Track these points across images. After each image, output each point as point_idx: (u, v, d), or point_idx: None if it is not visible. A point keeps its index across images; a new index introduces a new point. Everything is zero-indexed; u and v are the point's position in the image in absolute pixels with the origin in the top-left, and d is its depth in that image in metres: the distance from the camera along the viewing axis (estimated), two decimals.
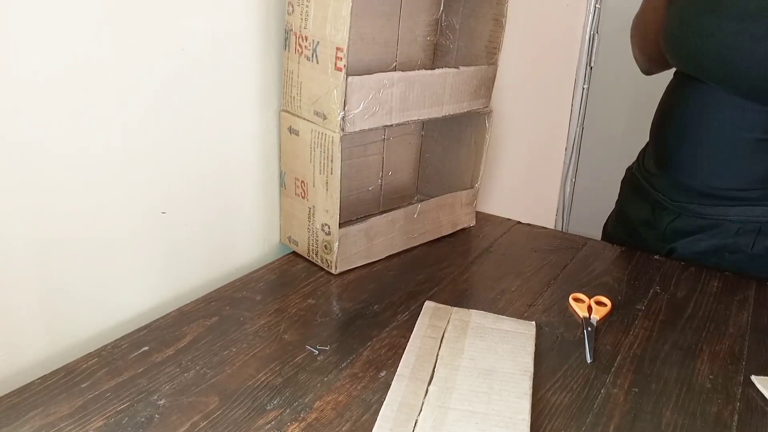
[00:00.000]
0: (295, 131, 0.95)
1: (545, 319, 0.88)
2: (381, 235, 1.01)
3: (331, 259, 0.96)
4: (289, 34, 0.91)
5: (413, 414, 0.67)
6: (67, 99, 0.72)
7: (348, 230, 0.96)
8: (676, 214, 1.07)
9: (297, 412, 0.68)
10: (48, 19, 0.68)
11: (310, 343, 0.80)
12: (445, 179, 1.19)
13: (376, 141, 1.14)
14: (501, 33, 1.03)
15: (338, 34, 0.84)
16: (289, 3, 0.90)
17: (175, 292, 0.91)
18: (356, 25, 1.00)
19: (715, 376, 0.78)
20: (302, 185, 0.97)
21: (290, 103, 0.95)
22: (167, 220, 0.87)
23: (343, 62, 0.84)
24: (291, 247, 1.04)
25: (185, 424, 0.66)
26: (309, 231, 0.98)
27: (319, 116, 0.90)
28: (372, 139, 1.13)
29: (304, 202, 0.97)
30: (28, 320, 0.75)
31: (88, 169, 0.76)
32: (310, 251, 0.99)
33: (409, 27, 1.09)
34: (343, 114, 0.87)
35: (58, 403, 0.67)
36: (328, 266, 0.97)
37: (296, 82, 0.92)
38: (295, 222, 1.01)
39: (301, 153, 0.95)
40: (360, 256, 0.99)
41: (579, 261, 1.06)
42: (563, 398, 0.73)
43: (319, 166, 0.92)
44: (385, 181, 1.19)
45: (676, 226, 1.07)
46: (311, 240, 0.99)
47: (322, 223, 0.95)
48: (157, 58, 0.80)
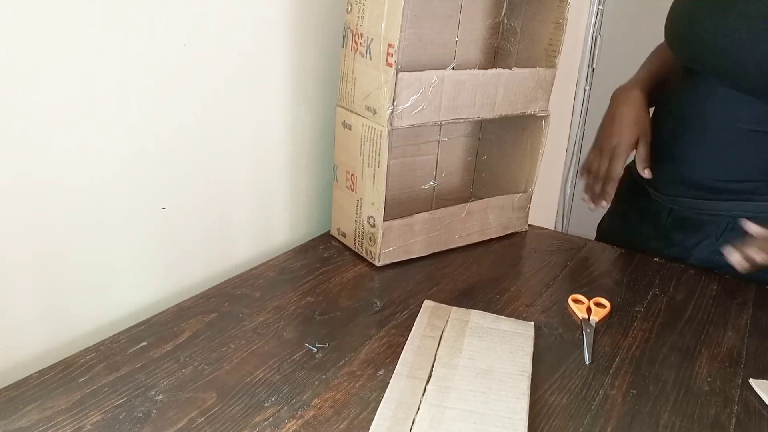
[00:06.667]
0: (348, 125, 0.98)
1: (544, 320, 0.88)
2: (426, 231, 1.02)
3: (375, 251, 0.99)
4: (347, 32, 0.95)
5: (411, 413, 0.67)
6: (68, 93, 0.72)
7: (392, 224, 0.98)
8: (669, 210, 1.07)
9: (295, 409, 0.68)
10: (54, 5, 0.68)
11: (309, 341, 0.80)
12: (500, 183, 1.19)
13: (431, 141, 1.16)
14: (561, 36, 1.04)
15: (391, 31, 0.87)
16: (348, 2, 0.93)
17: (174, 288, 0.91)
18: (415, 26, 1.03)
19: (713, 378, 0.78)
20: (352, 178, 1.00)
21: (344, 98, 0.99)
22: (167, 215, 0.87)
23: (394, 58, 0.87)
24: (339, 238, 1.07)
25: (183, 419, 0.66)
26: (356, 223, 1.02)
27: (370, 111, 0.93)
28: (426, 138, 1.15)
29: (353, 194, 1.01)
30: (27, 314, 0.74)
31: (88, 166, 0.76)
32: (357, 243, 1.03)
33: (468, 29, 1.10)
34: (392, 109, 0.90)
35: (55, 397, 0.67)
36: (372, 258, 1.00)
37: (351, 78, 0.96)
38: (344, 214, 1.04)
39: (353, 147, 0.98)
40: (403, 251, 1.01)
41: (578, 262, 1.06)
42: (561, 399, 0.73)
43: (368, 159, 0.96)
44: (438, 181, 1.20)
45: (671, 222, 1.08)
46: (358, 232, 1.02)
47: (368, 216, 0.98)
48: (176, 52, 0.80)
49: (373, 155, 0.94)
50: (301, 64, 0.99)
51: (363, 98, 0.94)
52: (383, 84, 0.89)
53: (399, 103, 0.90)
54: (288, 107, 1.00)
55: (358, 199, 1.00)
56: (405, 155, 1.13)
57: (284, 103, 0.99)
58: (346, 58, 0.96)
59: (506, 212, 1.12)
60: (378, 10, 0.88)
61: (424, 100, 0.92)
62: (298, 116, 1.02)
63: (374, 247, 0.99)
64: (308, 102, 1.03)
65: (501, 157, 1.19)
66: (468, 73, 0.96)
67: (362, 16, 0.91)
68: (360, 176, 0.98)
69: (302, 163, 1.06)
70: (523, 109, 1.04)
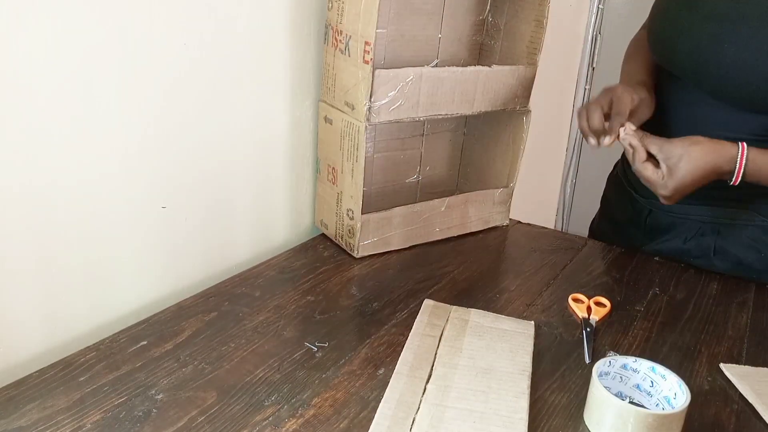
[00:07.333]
0: (329, 120, 1.00)
1: (544, 319, 0.88)
2: (405, 224, 1.04)
3: (354, 243, 1.00)
4: (328, 29, 0.97)
5: (411, 412, 0.67)
6: (68, 92, 0.72)
7: (370, 217, 0.99)
8: (649, 210, 1.08)
9: (295, 408, 0.68)
10: (54, 7, 0.68)
11: (309, 340, 0.80)
12: (484, 177, 1.21)
13: (415, 135, 1.17)
14: (542, 34, 1.05)
15: (367, 29, 0.88)
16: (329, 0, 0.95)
17: (174, 287, 0.91)
18: (397, 23, 1.04)
19: (713, 378, 0.78)
20: (333, 171, 1.02)
21: (326, 94, 1.00)
22: (167, 215, 0.87)
23: (370, 55, 0.88)
24: (322, 230, 1.08)
25: (183, 418, 0.66)
26: (337, 216, 1.03)
27: (349, 106, 0.95)
28: (410, 133, 1.16)
29: (334, 187, 1.02)
30: (27, 313, 0.74)
31: (88, 165, 0.76)
32: (337, 235, 1.04)
33: (452, 26, 1.11)
34: (369, 105, 0.91)
35: (55, 396, 0.67)
36: (351, 250, 1.01)
37: (332, 74, 0.98)
38: (326, 206, 1.06)
39: (333, 141, 1.00)
40: (382, 243, 1.02)
41: (579, 261, 1.06)
42: (561, 398, 0.73)
43: (348, 153, 0.97)
44: (422, 175, 1.21)
45: (651, 222, 1.09)
46: (338, 224, 1.03)
47: (347, 209, 1.00)
48: (171, 51, 0.80)
49: (351, 150, 0.96)
50: (302, 63, 0.99)
51: (343, 94, 0.96)
52: (361, 80, 0.91)
53: (376, 99, 0.91)
54: (288, 106, 1.00)
55: (338, 192, 1.02)
56: (389, 149, 1.14)
57: (285, 102, 0.99)
58: (327, 55, 0.98)
59: (487, 206, 1.13)
60: (355, 7, 0.89)
61: (401, 97, 0.93)
62: (298, 115, 1.02)
63: (353, 239, 1.00)
64: (310, 101, 1.03)
65: (484, 152, 1.20)
66: (447, 70, 0.97)
67: (341, 14, 0.93)
68: (340, 170, 1.00)
69: (302, 162, 1.06)
70: (503, 105, 1.05)
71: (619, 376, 0.72)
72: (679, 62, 0.97)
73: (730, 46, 0.88)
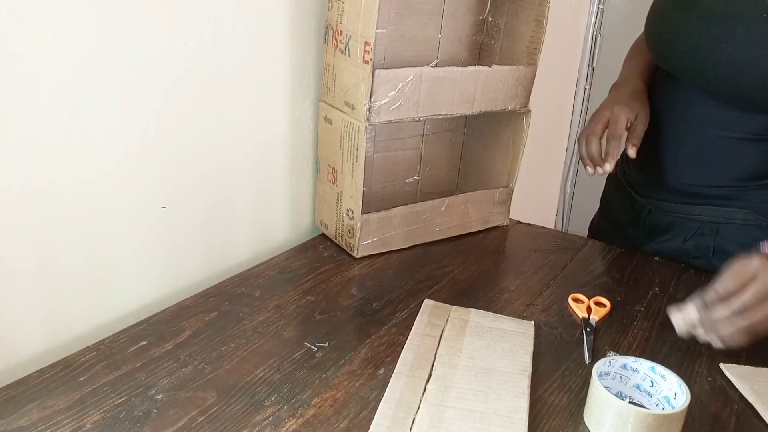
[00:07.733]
0: (329, 120, 1.00)
1: (544, 319, 0.88)
2: (405, 224, 1.04)
3: (354, 243, 1.00)
4: (328, 29, 0.97)
5: (411, 412, 0.67)
6: (68, 92, 0.72)
7: (370, 217, 0.99)
8: (648, 211, 1.08)
9: (295, 408, 0.68)
10: (54, 7, 0.68)
11: (309, 340, 0.80)
12: (484, 178, 1.21)
13: (415, 135, 1.17)
14: (542, 34, 1.05)
15: (367, 29, 0.88)
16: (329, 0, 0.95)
17: (174, 286, 0.91)
18: (397, 23, 1.04)
19: (713, 378, 0.78)
20: (333, 171, 1.02)
21: (326, 94, 1.00)
22: (167, 214, 0.87)
23: (370, 55, 0.88)
24: (321, 230, 1.08)
25: (183, 418, 0.66)
26: (337, 216, 1.03)
27: (349, 106, 0.95)
28: (410, 133, 1.16)
29: (334, 187, 1.02)
30: (27, 313, 0.74)
31: (88, 165, 0.76)
32: (337, 235, 1.04)
33: (452, 26, 1.11)
34: (369, 105, 0.91)
35: (55, 396, 0.67)
36: (351, 250, 1.01)
37: (332, 74, 0.98)
38: (326, 206, 1.06)
39: (333, 141, 1.00)
40: (381, 243, 1.02)
41: (578, 261, 1.06)
42: (561, 398, 0.73)
43: (347, 153, 0.97)
44: (423, 175, 1.21)
45: (650, 222, 1.09)
46: (338, 224, 1.03)
47: (347, 209, 1.00)
48: (170, 52, 0.80)
49: (351, 150, 0.96)
50: (302, 63, 0.99)
51: (343, 94, 0.96)
52: (361, 80, 0.91)
53: (376, 99, 0.91)
54: (288, 106, 1.00)
55: (338, 192, 1.02)
56: (389, 149, 1.14)
57: (285, 102, 0.99)
58: (327, 55, 0.98)
59: (487, 206, 1.13)
60: (355, 8, 0.89)
61: (401, 97, 0.93)
62: (298, 115, 1.02)
63: (353, 239, 1.00)
64: (310, 101, 1.03)
65: (484, 152, 1.20)
66: (446, 70, 0.97)
67: (341, 14, 0.93)
68: (340, 170, 1.00)
69: (302, 162, 1.06)
70: (502, 105, 1.05)
71: (619, 376, 0.72)
72: (677, 63, 0.97)
73: (727, 46, 0.88)
